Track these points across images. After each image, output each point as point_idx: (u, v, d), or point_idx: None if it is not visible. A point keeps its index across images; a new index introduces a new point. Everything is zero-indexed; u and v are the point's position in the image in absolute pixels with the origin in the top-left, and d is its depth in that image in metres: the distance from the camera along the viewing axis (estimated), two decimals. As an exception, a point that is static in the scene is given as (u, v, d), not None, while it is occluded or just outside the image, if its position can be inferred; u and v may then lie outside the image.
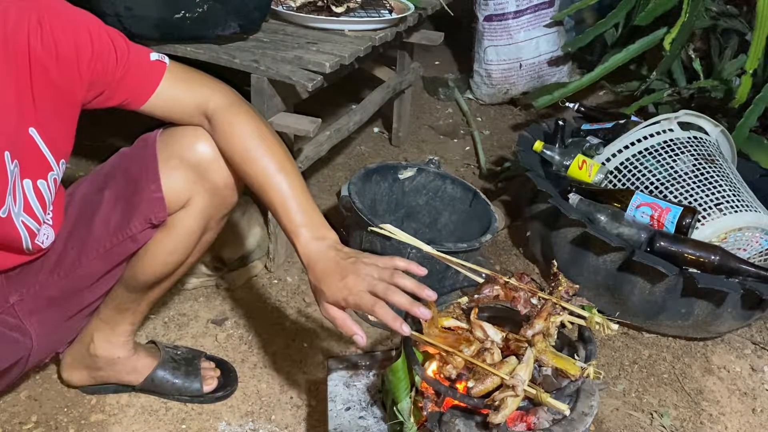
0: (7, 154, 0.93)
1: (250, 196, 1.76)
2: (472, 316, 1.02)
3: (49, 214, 1.07)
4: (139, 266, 1.15)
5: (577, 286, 1.07)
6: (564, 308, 1.03)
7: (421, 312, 0.95)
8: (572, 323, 1.04)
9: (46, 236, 1.08)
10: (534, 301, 1.04)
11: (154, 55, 1.05)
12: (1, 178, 0.94)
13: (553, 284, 1.07)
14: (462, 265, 1.11)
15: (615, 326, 1.01)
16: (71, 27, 0.96)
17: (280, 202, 1.03)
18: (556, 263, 1.11)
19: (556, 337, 1.00)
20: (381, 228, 1.15)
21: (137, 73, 1.03)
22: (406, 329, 0.94)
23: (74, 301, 1.19)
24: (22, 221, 1.00)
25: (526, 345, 0.97)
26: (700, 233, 1.61)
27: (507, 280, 1.05)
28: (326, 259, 1.00)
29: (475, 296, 1.06)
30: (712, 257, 1.51)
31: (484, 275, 1.09)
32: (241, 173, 1.07)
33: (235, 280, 1.66)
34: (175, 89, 1.06)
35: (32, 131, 0.97)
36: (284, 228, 1.04)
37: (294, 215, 1.02)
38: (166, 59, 1.07)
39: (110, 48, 0.99)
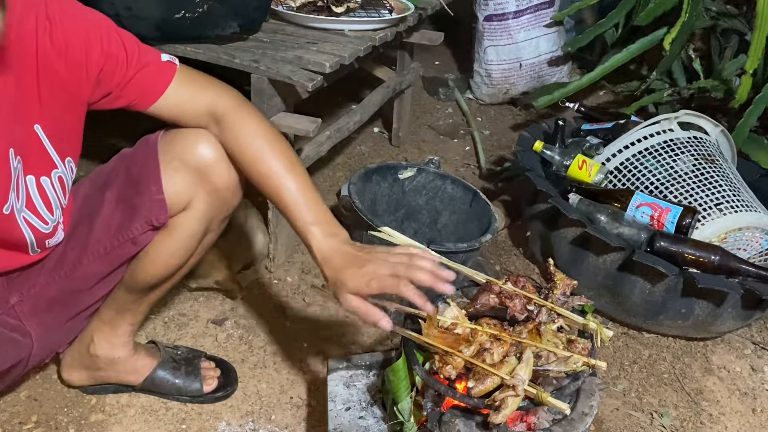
0: (11, 151, 0.93)
1: (248, 199, 1.76)
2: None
3: (56, 215, 1.06)
4: (140, 268, 1.15)
5: (575, 282, 1.07)
6: (560, 315, 1.02)
7: (446, 287, 0.97)
8: (569, 326, 1.04)
9: (56, 239, 1.08)
10: (530, 307, 1.03)
11: (164, 56, 1.05)
12: (5, 175, 0.94)
13: (549, 284, 1.07)
14: (461, 267, 1.11)
15: (609, 332, 1.01)
16: (82, 26, 0.95)
17: (291, 201, 1.04)
18: (551, 261, 1.10)
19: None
20: (379, 231, 1.15)
21: (146, 75, 1.02)
22: (429, 307, 0.96)
23: (74, 303, 1.19)
24: (24, 217, 1.00)
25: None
26: (700, 233, 1.61)
27: (502, 286, 1.04)
28: (342, 252, 1.00)
29: (472, 307, 1.06)
30: (712, 257, 1.51)
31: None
32: (249, 173, 1.08)
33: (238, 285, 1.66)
34: (184, 91, 1.06)
35: (37, 128, 0.97)
36: (296, 226, 1.05)
37: (305, 214, 1.03)
38: (176, 61, 1.06)
39: (120, 49, 0.99)
